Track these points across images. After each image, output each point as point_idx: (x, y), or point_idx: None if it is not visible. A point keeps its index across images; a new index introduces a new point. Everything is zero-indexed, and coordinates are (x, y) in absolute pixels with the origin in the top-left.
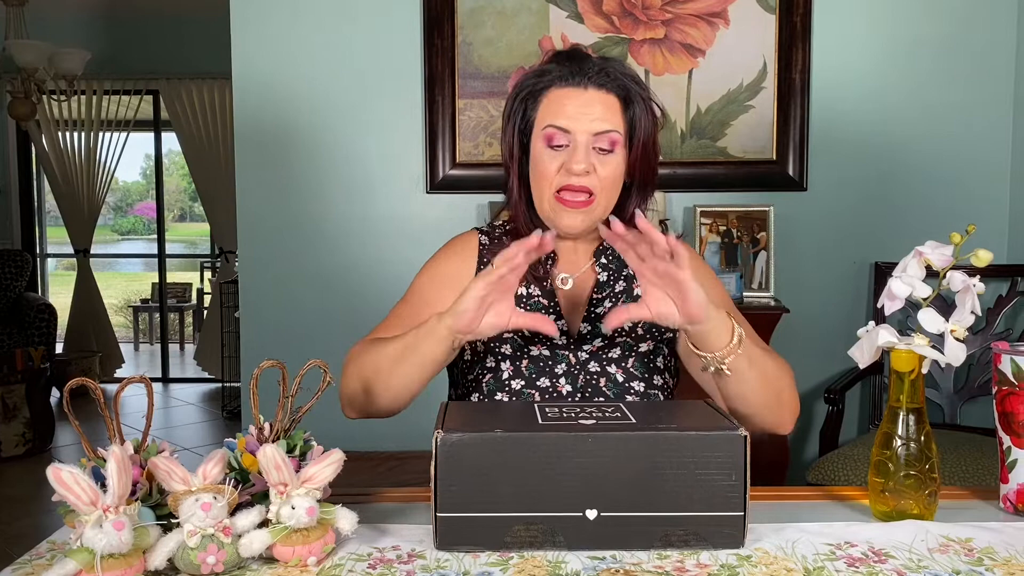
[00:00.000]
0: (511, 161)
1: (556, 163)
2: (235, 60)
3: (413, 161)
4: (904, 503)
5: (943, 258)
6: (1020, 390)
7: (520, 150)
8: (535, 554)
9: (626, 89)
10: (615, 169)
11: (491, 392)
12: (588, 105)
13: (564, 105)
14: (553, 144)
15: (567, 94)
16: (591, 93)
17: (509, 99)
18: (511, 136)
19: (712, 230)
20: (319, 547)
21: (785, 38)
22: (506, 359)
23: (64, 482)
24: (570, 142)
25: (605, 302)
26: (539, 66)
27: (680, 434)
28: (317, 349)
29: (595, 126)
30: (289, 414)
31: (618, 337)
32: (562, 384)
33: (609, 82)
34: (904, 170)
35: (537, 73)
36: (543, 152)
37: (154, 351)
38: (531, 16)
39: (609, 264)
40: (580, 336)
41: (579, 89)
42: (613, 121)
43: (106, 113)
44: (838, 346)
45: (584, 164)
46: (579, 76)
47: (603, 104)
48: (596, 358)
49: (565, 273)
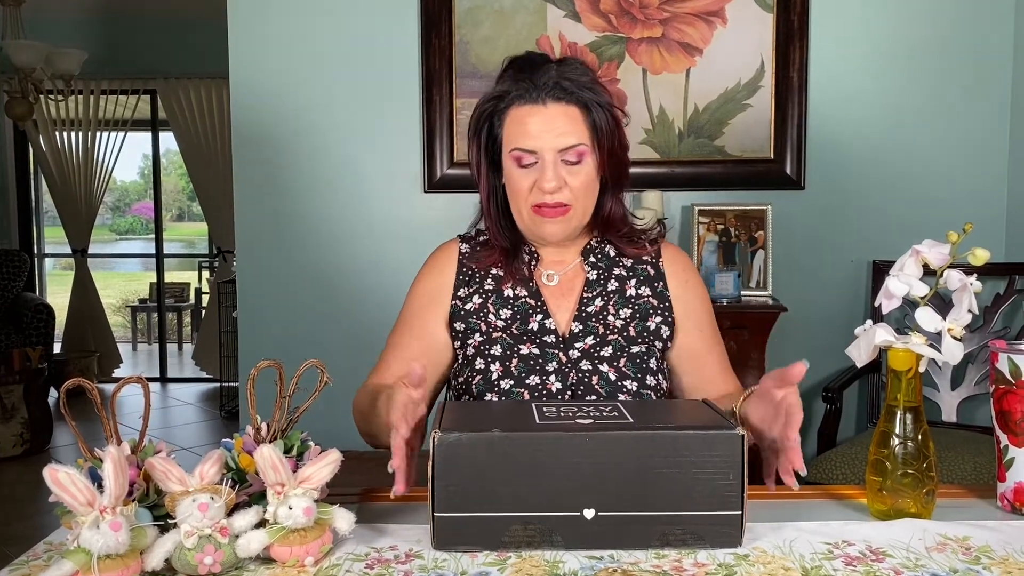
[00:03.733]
0: (479, 176)
1: (528, 181)
2: (232, 60)
3: (411, 160)
4: (902, 502)
5: (940, 256)
6: (1017, 389)
7: (489, 167)
8: (533, 554)
9: (583, 99)
10: (586, 177)
11: (480, 393)
12: (550, 121)
13: (527, 125)
14: (522, 164)
15: (528, 112)
16: (551, 108)
17: (472, 118)
18: (478, 155)
19: (710, 229)
20: (316, 547)
21: (783, 37)
22: (496, 360)
23: (61, 483)
24: (538, 159)
25: (596, 300)
26: (497, 79)
27: (678, 433)
28: (315, 349)
29: (559, 142)
30: (286, 414)
31: (610, 335)
32: (552, 382)
33: (566, 95)
34: (902, 169)
35: (495, 96)
36: (514, 171)
37: (152, 351)
38: (529, 15)
39: (598, 263)
40: (571, 335)
41: (538, 106)
42: (577, 133)
43: (103, 113)
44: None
45: (555, 182)
46: (536, 91)
47: (565, 117)
48: (588, 357)
49: (551, 271)
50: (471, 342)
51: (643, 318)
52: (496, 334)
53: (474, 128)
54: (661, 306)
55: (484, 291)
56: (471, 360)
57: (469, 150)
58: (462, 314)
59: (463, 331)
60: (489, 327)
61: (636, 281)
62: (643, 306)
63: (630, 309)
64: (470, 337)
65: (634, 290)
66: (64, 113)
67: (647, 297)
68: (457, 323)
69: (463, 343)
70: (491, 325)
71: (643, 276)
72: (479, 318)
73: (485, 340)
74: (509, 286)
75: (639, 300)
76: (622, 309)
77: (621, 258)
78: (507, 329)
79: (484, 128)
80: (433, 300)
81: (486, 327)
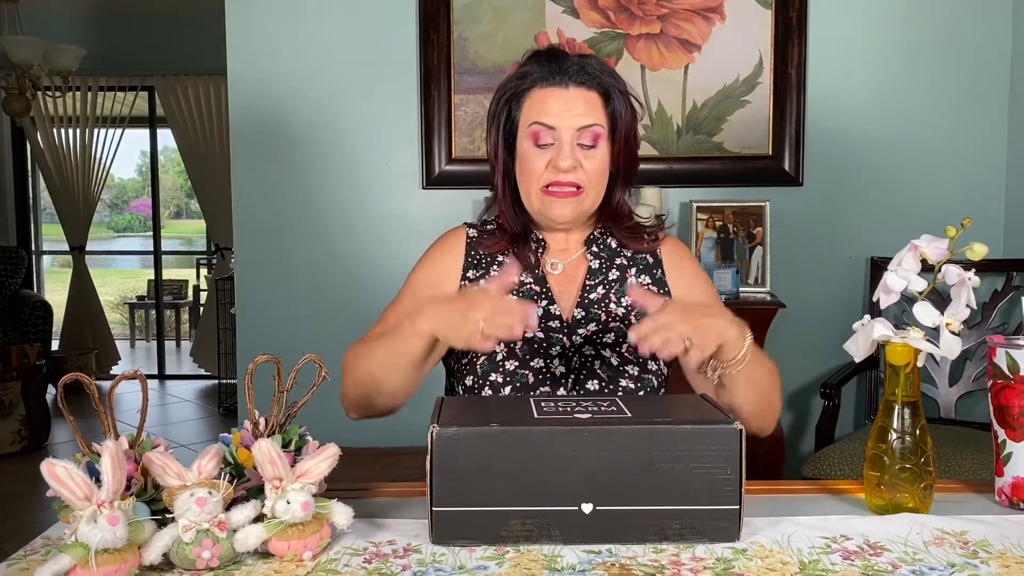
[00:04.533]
0: (496, 160)
1: (543, 160)
2: (230, 56)
3: (409, 157)
4: (899, 496)
5: (938, 252)
6: (1015, 383)
7: (505, 149)
8: (531, 548)
9: (605, 85)
10: (600, 162)
11: (485, 373)
12: (571, 102)
13: (547, 103)
14: (539, 143)
15: (550, 93)
16: (573, 91)
17: (493, 100)
18: (496, 136)
19: (708, 225)
20: (314, 542)
21: (781, 33)
22: (501, 342)
23: (58, 477)
24: (555, 139)
25: (598, 288)
26: (519, 68)
27: (676, 428)
28: (313, 345)
29: (578, 121)
30: (284, 409)
31: (612, 322)
32: (555, 365)
33: (589, 79)
34: (900, 165)
35: (519, 75)
36: (530, 150)
37: (150, 348)
38: (527, 11)
39: (600, 252)
40: (574, 321)
41: (561, 88)
42: (596, 116)
43: (101, 110)
44: (834, 340)
45: (571, 160)
46: (560, 75)
47: (585, 100)
48: (591, 342)
49: (555, 259)
50: None
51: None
52: None
53: (494, 108)
54: (661, 292)
55: (491, 276)
56: None
57: (488, 131)
58: None
59: None
60: None
61: (636, 270)
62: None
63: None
64: None
65: (634, 279)
66: (62, 110)
67: (647, 285)
68: None
69: None
70: None
71: (643, 265)
72: None
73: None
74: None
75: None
76: (623, 297)
77: (622, 249)
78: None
79: (505, 109)
80: (440, 280)
81: None
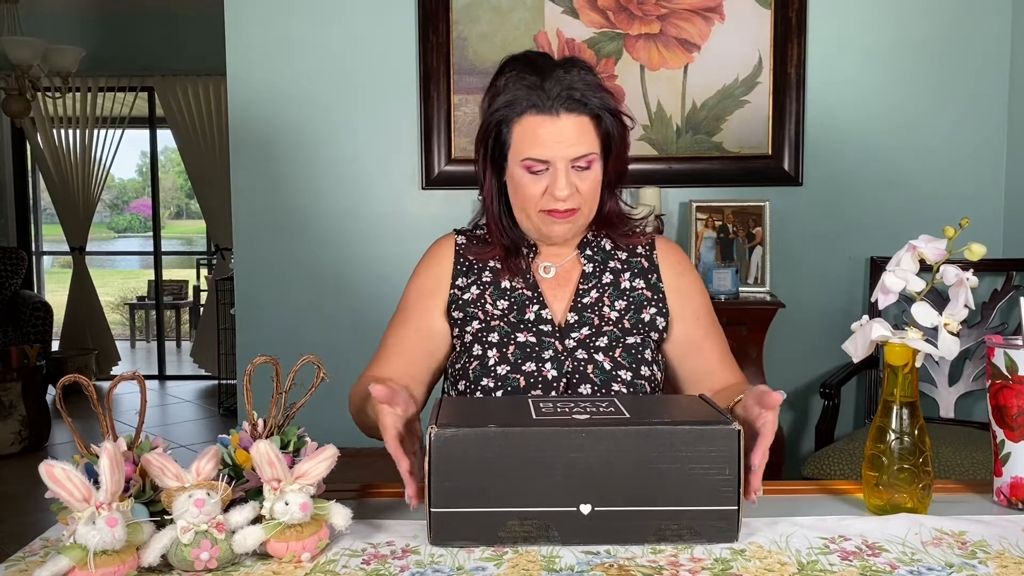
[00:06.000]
0: (484, 181)
1: (539, 187)
2: (230, 56)
3: (408, 157)
4: (898, 497)
5: (937, 252)
6: (1014, 383)
7: (495, 174)
8: (529, 549)
9: (595, 108)
10: (595, 180)
11: (477, 378)
12: (562, 132)
13: (538, 135)
14: (533, 171)
15: (539, 123)
16: (563, 119)
17: (481, 129)
18: (485, 160)
19: (708, 225)
20: (313, 543)
21: (780, 33)
22: (493, 347)
23: (57, 478)
24: (549, 167)
25: (592, 292)
26: (493, 81)
27: (674, 428)
28: (313, 345)
29: (572, 151)
30: (283, 410)
31: (605, 327)
32: (547, 369)
33: (578, 106)
34: (899, 165)
35: (506, 103)
36: (524, 177)
37: (150, 348)
38: (526, 11)
39: (594, 256)
40: (567, 325)
41: (551, 116)
42: (588, 143)
43: (101, 110)
44: (833, 341)
45: (567, 189)
46: (548, 101)
47: (576, 127)
48: (583, 346)
49: (548, 263)
50: (469, 329)
51: (637, 310)
52: (494, 322)
53: (482, 135)
54: (655, 298)
55: (482, 282)
56: (468, 347)
57: (476, 155)
58: (460, 303)
59: (461, 319)
60: (487, 315)
61: (630, 274)
62: (637, 298)
63: (624, 301)
64: (468, 324)
65: (628, 282)
66: (61, 110)
67: (641, 289)
68: (455, 311)
69: (461, 331)
70: (488, 314)
71: (637, 269)
72: (477, 307)
73: (483, 327)
74: (506, 278)
75: (633, 292)
76: (617, 301)
77: (616, 251)
78: (504, 317)
79: (493, 133)
80: (431, 291)
81: (484, 315)
